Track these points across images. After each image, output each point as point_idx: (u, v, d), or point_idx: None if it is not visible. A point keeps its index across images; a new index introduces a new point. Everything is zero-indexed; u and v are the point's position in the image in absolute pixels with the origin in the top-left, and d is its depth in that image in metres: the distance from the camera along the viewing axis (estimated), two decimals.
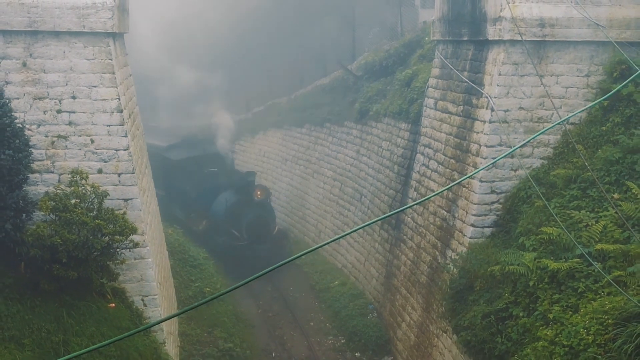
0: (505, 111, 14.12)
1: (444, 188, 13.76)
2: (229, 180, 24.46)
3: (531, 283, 11.79)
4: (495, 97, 14.09)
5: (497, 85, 14.08)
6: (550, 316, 11.08)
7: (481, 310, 12.57)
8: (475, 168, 14.28)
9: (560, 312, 10.99)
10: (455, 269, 14.20)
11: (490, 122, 14.14)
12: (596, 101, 13.21)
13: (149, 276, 12.99)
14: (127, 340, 12.10)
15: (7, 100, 11.46)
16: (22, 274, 11.62)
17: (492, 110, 14.05)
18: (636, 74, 9.87)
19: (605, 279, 10.68)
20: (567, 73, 14.17)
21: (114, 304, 12.30)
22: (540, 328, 11.10)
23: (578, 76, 14.17)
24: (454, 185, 14.85)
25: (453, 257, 14.70)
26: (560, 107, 14.01)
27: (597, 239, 11.60)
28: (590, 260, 10.91)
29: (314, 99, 26.68)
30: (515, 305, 11.97)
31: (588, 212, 12.31)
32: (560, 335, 10.56)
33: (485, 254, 13.38)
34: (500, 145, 14.11)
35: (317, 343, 18.39)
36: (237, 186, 23.71)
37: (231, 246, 22.53)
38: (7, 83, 12.12)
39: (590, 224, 11.97)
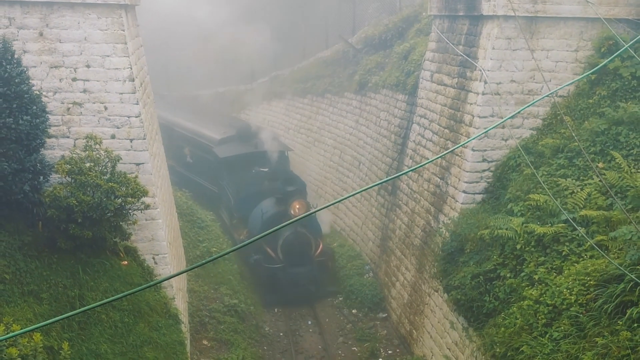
0: (497, 84, 14.04)
1: (437, 156, 13.67)
2: (271, 187, 19.98)
3: (518, 246, 11.85)
4: (488, 70, 14.00)
5: (491, 59, 13.99)
6: (536, 277, 11.16)
7: (471, 271, 12.64)
8: (468, 137, 14.25)
9: (545, 274, 11.05)
10: (447, 233, 14.25)
11: (483, 94, 14.07)
12: (584, 75, 13.14)
13: (160, 236, 13.04)
14: (138, 296, 12.22)
15: (25, 68, 11.38)
16: (40, 232, 11.66)
17: (485, 82, 13.98)
18: (622, 49, 9.77)
19: (588, 243, 10.73)
20: (557, 48, 14.06)
21: (126, 262, 12.37)
22: (526, 288, 11.18)
23: (567, 51, 14.06)
24: (447, 153, 14.83)
25: (445, 221, 14.74)
26: (550, 81, 13.93)
27: (581, 206, 11.63)
28: (575, 225, 10.96)
29: (315, 71, 26.52)
30: (503, 267, 12.05)
31: (574, 180, 12.32)
32: (544, 295, 10.65)
33: (475, 219, 13.42)
34: (492, 116, 14.06)
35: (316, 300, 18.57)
36: (279, 195, 19.25)
37: (264, 267, 18.63)
38: (24, 52, 12.04)
39: (575, 191, 11.99)
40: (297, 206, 18.49)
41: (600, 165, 12.22)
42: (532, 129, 14.21)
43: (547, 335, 10.05)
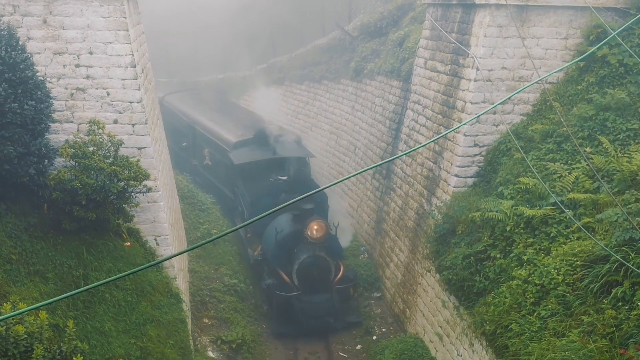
0: (489, 70, 14.01)
1: (430, 140, 13.70)
2: (289, 200, 16.76)
3: (508, 228, 11.89)
4: (480, 58, 13.96)
5: (483, 46, 13.94)
6: (525, 258, 11.21)
7: (462, 252, 12.70)
8: (460, 123, 14.24)
9: (534, 255, 11.11)
10: (439, 215, 14.29)
11: (475, 80, 14.04)
12: (572, 62, 13.12)
13: (161, 218, 13.06)
14: (141, 275, 12.26)
15: (30, 55, 11.32)
16: (45, 214, 11.67)
17: (477, 69, 13.94)
18: (610, 37, 9.77)
19: (576, 225, 10.77)
20: (547, 36, 14.01)
21: (129, 243, 12.39)
22: (515, 268, 11.23)
23: (557, 39, 14.02)
24: (439, 137, 14.85)
25: (438, 204, 14.77)
26: (540, 68, 13.90)
27: (569, 189, 11.67)
28: (563, 208, 10.99)
29: (312, 58, 26.42)
30: (493, 248, 12.10)
31: (562, 164, 12.35)
32: (533, 275, 10.71)
33: (467, 202, 13.46)
34: (484, 102, 14.04)
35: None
36: (296, 211, 16.43)
37: (276, 295, 15.91)
38: (29, 39, 11.97)
39: (563, 175, 12.02)
40: (315, 227, 15.91)
41: (588, 149, 12.24)
42: (522, 114, 14.21)
43: (535, 314, 10.13)
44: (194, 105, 25.01)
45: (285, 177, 18.45)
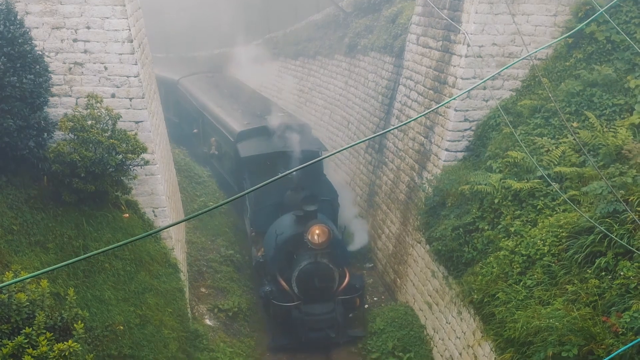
0: (480, 47, 13.96)
1: (420, 114, 13.72)
2: (294, 198, 15.29)
3: (496, 200, 11.96)
4: (471, 34, 13.90)
5: (474, 23, 13.87)
6: (512, 229, 11.30)
7: (451, 224, 12.78)
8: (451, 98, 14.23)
9: (521, 226, 11.19)
10: (430, 188, 14.35)
11: (466, 56, 14.00)
12: (561, 37, 13.10)
13: (159, 190, 13.06)
14: (140, 246, 12.30)
15: (28, 29, 11.21)
16: (45, 186, 11.65)
17: (468, 45, 13.89)
18: (598, 13, 9.75)
19: (562, 198, 10.84)
20: (537, 12, 13.94)
21: (127, 215, 12.41)
22: (503, 239, 11.33)
23: (547, 15, 13.96)
24: (430, 111, 14.85)
25: (428, 177, 14.82)
26: (530, 44, 13.86)
27: (556, 163, 11.72)
28: (549, 181, 11.06)
29: (307, 34, 26.23)
30: (482, 220, 12.18)
31: (549, 139, 12.39)
32: (519, 246, 10.80)
33: (457, 175, 13.51)
34: (474, 77, 14.01)
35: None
36: (300, 212, 14.61)
37: (275, 302, 14.18)
38: (27, 13, 11.83)
39: (550, 149, 12.06)
40: (317, 231, 14.01)
41: (575, 124, 12.27)
42: (511, 90, 14.21)
43: (521, 283, 10.24)
44: (205, 89, 22.91)
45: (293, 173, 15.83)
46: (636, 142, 11.01)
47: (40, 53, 11.40)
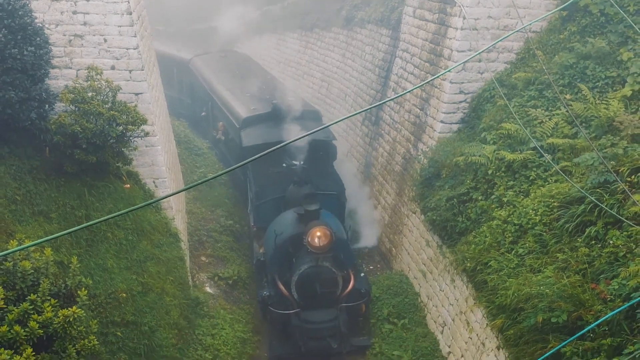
0: (475, 19, 13.86)
1: (416, 86, 13.59)
2: (297, 194, 14.01)
3: (490, 171, 12.00)
4: (467, 7, 13.79)
5: None
6: (505, 200, 11.35)
7: (446, 195, 12.83)
8: (449, 72, 14.17)
9: (513, 196, 11.25)
10: (425, 160, 14.37)
11: (462, 29, 13.91)
12: (555, 10, 13.01)
13: (159, 161, 13.06)
14: (141, 216, 12.35)
15: (28, 1, 11.10)
16: (48, 157, 11.64)
17: (464, 18, 13.79)
18: None
19: (554, 169, 10.88)
20: None
21: (129, 185, 12.42)
22: (496, 209, 11.39)
23: None
24: (426, 83, 14.80)
25: (424, 149, 14.83)
26: (525, 17, 13.76)
27: (549, 134, 11.74)
28: (542, 152, 11.08)
29: (305, 6, 25.97)
30: (475, 190, 12.23)
31: (543, 111, 12.38)
32: (512, 216, 10.87)
33: (451, 147, 13.52)
34: (469, 50, 13.94)
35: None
36: (300, 210, 13.31)
37: (271, 311, 13.04)
38: None
39: (544, 120, 12.06)
40: (318, 233, 12.67)
41: (568, 96, 12.25)
42: (506, 62, 14.14)
43: (513, 252, 10.32)
44: (216, 70, 21.38)
45: (299, 163, 15.13)
46: (628, 114, 11.01)
47: (41, 25, 11.29)
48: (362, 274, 13.93)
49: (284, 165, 15.24)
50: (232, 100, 18.04)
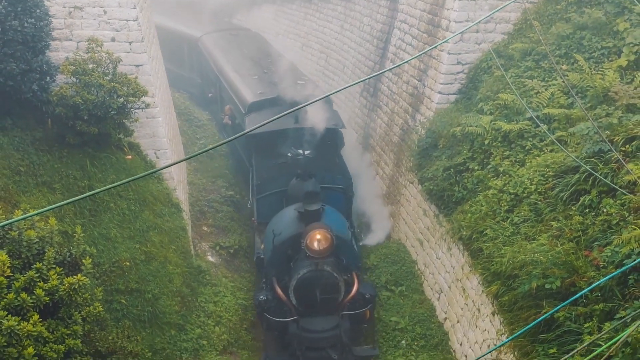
0: None
1: (413, 57, 13.55)
2: (299, 189, 12.89)
3: (486, 142, 11.99)
4: None
5: None
6: (501, 169, 11.37)
7: (443, 165, 12.84)
8: (447, 43, 14.07)
9: (509, 166, 11.26)
10: (422, 130, 14.34)
11: None
12: None
13: (160, 133, 13.04)
14: (143, 186, 12.37)
15: None
16: (50, 129, 11.63)
17: None
18: None
19: (549, 139, 10.88)
20: None
21: (130, 156, 12.43)
22: (492, 179, 11.41)
23: None
24: (423, 53, 14.70)
25: (421, 120, 14.80)
26: None
27: (545, 104, 11.71)
28: (538, 122, 11.07)
29: None
30: (472, 160, 12.23)
31: (539, 81, 12.32)
32: (507, 185, 10.90)
33: (449, 117, 13.48)
34: (467, 21, 13.80)
35: None
36: (301, 208, 12.29)
37: (268, 317, 12.01)
38: None
39: (540, 91, 12.02)
40: (318, 236, 11.57)
41: (564, 67, 12.19)
42: (503, 33, 14.03)
43: (509, 220, 10.38)
44: (225, 49, 19.99)
45: (305, 153, 13.96)
46: (623, 84, 10.96)
47: None
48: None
49: (289, 155, 14.22)
50: (239, 83, 16.93)
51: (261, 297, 12.13)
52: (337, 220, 12.86)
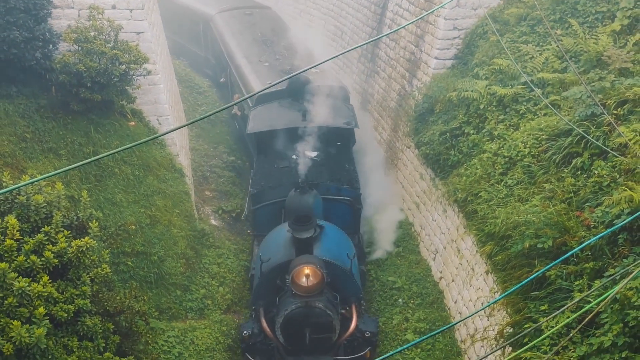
0: None
1: (409, 22, 13.40)
2: (300, 202, 11.31)
3: (481, 106, 11.96)
4: None
5: None
6: (495, 133, 11.36)
7: (439, 129, 12.83)
8: (443, 8, 13.91)
9: (504, 130, 11.26)
10: (419, 96, 14.28)
11: None
12: None
13: (162, 99, 12.99)
14: (146, 152, 12.38)
15: None
16: (54, 96, 11.58)
17: None
18: None
19: (543, 103, 10.85)
20: None
21: (134, 123, 12.40)
22: (487, 143, 11.41)
23: None
24: (420, 18, 14.56)
25: (418, 85, 14.72)
26: None
27: (539, 69, 11.64)
28: (532, 87, 11.02)
29: None
30: (467, 125, 12.22)
31: (534, 46, 12.23)
32: (502, 149, 10.91)
33: (445, 83, 13.41)
34: None
35: None
36: (298, 223, 10.32)
37: (250, 355, 10.36)
38: None
39: (535, 56, 11.94)
40: (306, 271, 9.72)
41: (558, 32, 12.08)
42: None
43: (503, 183, 10.42)
44: (237, 31, 18.02)
45: (313, 155, 12.38)
46: (616, 48, 10.89)
47: None
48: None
49: (294, 157, 12.51)
50: (247, 71, 15.39)
51: (245, 332, 10.32)
52: (338, 243, 11.10)
